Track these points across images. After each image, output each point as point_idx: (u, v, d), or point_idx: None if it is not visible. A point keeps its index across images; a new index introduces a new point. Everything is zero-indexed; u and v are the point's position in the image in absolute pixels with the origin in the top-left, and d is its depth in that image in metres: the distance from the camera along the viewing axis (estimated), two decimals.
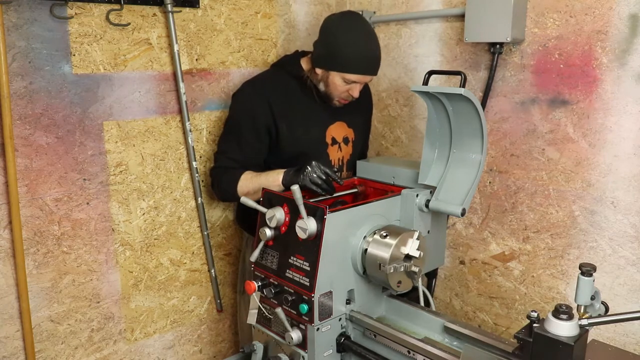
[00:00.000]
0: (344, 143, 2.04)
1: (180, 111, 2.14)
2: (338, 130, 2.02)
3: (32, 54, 1.75)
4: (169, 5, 1.99)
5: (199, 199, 2.25)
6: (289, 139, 1.93)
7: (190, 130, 2.16)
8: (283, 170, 1.79)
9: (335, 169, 1.98)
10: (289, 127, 1.93)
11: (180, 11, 2.07)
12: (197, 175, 2.21)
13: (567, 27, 1.74)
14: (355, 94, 1.88)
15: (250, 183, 1.87)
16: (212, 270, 2.36)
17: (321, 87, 1.91)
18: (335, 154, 2.02)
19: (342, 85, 1.85)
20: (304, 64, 1.98)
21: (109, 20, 1.89)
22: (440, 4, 2.07)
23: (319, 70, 1.88)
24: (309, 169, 1.70)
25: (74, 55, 1.84)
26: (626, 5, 1.61)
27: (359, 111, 2.10)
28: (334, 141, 2.01)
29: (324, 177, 1.70)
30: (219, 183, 1.98)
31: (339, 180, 1.74)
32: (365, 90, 2.15)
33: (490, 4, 1.79)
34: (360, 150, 2.17)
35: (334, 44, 1.81)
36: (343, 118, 2.03)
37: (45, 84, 1.80)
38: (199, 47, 2.17)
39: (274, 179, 1.78)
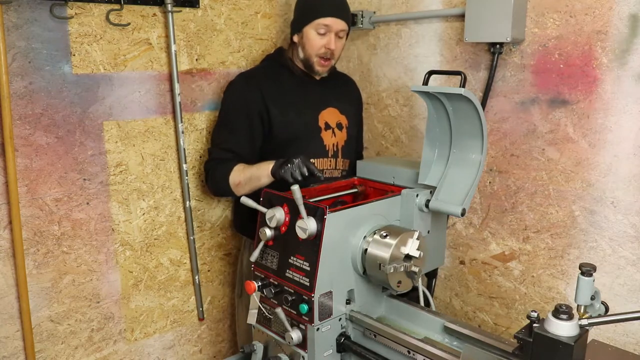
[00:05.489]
0: (338, 129, 2.06)
1: (181, 111, 2.13)
2: (331, 116, 2.05)
3: (32, 54, 1.75)
4: (169, 5, 1.99)
5: (187, 202, 2.20)
6: (281, 122, 1.96)
7: (183, 132, 2.13)
8: (274, 161, 1.80)
9: (321, 170, 1.89)
10: (281, 110, 1.96)
11: (180, 11, 2.07)
12: (186, 178, 2.18)
13: (567, 27, 1.74)
14: (332, 45, 1.91)
15: (242, 174, 1.88)
16: (197, 277, 2.31)
17: (301, 54, 1.97)
18: (330, 139, 2.03)
19: (316, 39, 1.91)
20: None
21: (109, 20, 1.89)
22: (440, 4, 2.07)
23: (296, 38, 1.97)
24: (293, 164, 1.70)
25: (74, 55, 1.84)
26: (626, 5, 1.61)
27: (349, 101, 2.16)
28: (328, 126, 2.03)
29: (306, 174, 1.69)
30: (212, 176, 1.98)
31: (320, 176, 1.70)
32: (353, 85, 2.27)
33: (490, 4, 1.79)
34: (355, 142, 2.18)
35: (301, 2, 1.97)
36: (334, 104, 2.07)
37: (45, 84, 1.80)
38: (199, 47, 2.17)
39: (265, 168, 1.80)
